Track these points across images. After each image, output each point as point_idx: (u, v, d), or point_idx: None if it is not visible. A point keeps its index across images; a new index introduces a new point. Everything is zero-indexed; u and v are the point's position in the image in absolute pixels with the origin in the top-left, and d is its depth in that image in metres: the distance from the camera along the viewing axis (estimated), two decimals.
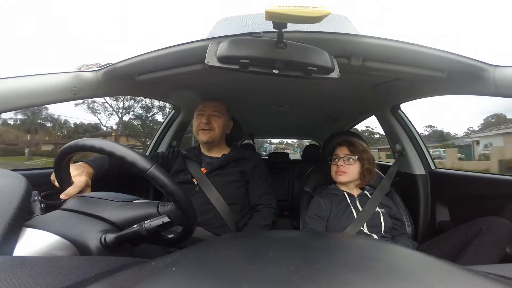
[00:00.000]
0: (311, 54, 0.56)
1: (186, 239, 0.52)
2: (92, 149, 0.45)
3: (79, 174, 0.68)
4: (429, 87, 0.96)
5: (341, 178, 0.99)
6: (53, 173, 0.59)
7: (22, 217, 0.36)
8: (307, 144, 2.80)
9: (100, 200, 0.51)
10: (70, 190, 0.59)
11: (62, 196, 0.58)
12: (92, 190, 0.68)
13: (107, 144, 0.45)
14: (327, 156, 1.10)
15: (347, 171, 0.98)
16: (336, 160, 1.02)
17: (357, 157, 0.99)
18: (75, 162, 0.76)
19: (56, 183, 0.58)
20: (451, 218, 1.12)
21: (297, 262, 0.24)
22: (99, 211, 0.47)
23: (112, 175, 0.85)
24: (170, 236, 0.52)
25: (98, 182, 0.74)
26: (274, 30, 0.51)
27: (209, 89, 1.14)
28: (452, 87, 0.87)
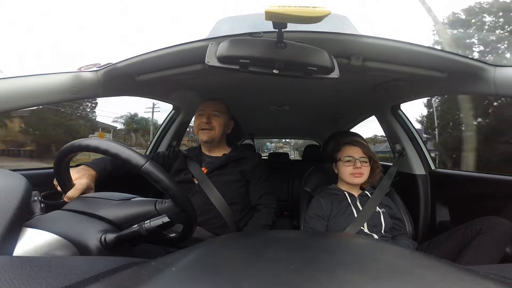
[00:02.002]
0: (311, 54, 0.56)
1: (187, 238, 0.52)
2: (87, 148, 0.46)
3: (80, 177, 0.68)
4: (429, 87, 0.96)
5: (359, 180, 0.97)
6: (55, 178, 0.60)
7: (22, 217, 0.36)
8: (308, 144, 2.80)
9: (97, 199, 0.51)
10: (71, 193, 0.59)
11: (64, 198, 0.59)
12: (96, 192, 0.68)
13: (102, 143, 0.45)
14: (332, 156, 1.07)
15: (363, 173, 0.97)
16: (350, 161, 0.98)
17: (371, 158, 0.99)
18: (77, 165, 0.77)
19: (59, 188, 0.59)
20: (451, 218, 1.12)
21: (297, 262, 0.24)
22: (96, 210, 0.47)
23: (116, 176, 0.85)
24: (171, 235, 0.53)
25: (101, 184, 0.74)
26: (274, 30, 0.51)
27: (209, 89, 1.14)
28: (452, 87, 0.87)
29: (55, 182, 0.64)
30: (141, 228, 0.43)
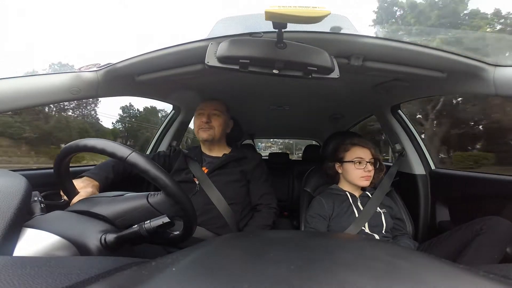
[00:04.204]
0: (311, 54, 0.56)
1: (189, 233, 0.52)
2: (78, 149, 0.47)
3: (84, 186, 0.71)
4: (429, 87, 0.96)
5: (367, 183, 0.96)
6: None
7: (22, 218, 0.36)
8: (308, 144, 2.80)
9: (92, 198, 0.52)
10: (75, 200, 0.60)
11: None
12: None
13: (89, 141, 0.47)
14: (335, 155, 1.05)
15: (372, 175, 0.97)
16: (361, 163, 0.96)
17: (378, 161, 0.99)
18: (80, 176, 0.79)
19: (66, 197, 0.60)
20: (451, 218, 1.12)
21: (297, 262, 0.24)
22: (90, 207, 0.48)
23: (117, 183, 0.87)
24: (175, 233, 0.53)
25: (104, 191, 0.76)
26: (274, 30, 0.51)
27: (209, 89, 1.14)
28: (452, 87, 0.87)
29: (61, 192, 0.65)
30: (141, 229, 0.43)
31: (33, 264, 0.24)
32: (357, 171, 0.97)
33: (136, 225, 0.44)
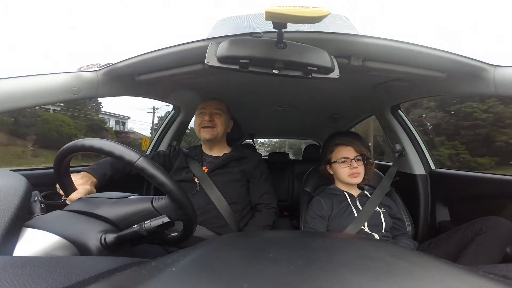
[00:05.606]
0: (311, 54, 0.56)
1: (188, 236, 0.52)
2: (83, 148, 0.47)
3: (83, 183, 0.70)
4: (429, 87, 0.96)
5: (357, 180, 0.97)
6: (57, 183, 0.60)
7: (22, 217, 0.36)
8: (308, 143, 2.80)
9: (95, 199, 0.51)
10: (74, 196, 0.60)
11: (67, 201, 0.59)
12: None
13: (96, 142, 0.47)
14: (326, 158, 1.07)
15: (360, 172, 0.98)
16: (346, 162, 0.98)
17: (364, 156, 0.99)
18: (78, 171, 0.78)
19: (61, 192, 0.60)
20: (451, 218, 1.12)
21: (297, 262, 0.24)
22: (94, 209, 0.48)
23: (116, 181, 0.86)
24: (173, 234, 0.53)
25: (102, 189, 0.75)
26: (274, 30, 0.51)
27: (209, 89, 1.14)
28: (452, 87, 0.87)
29: (57, 186, 0.65)
30: (141, 228, 0.43)
31: (33, 264, 0.24)
32: (344, 169, 0.99)
33: (136, 225, 0.44)
